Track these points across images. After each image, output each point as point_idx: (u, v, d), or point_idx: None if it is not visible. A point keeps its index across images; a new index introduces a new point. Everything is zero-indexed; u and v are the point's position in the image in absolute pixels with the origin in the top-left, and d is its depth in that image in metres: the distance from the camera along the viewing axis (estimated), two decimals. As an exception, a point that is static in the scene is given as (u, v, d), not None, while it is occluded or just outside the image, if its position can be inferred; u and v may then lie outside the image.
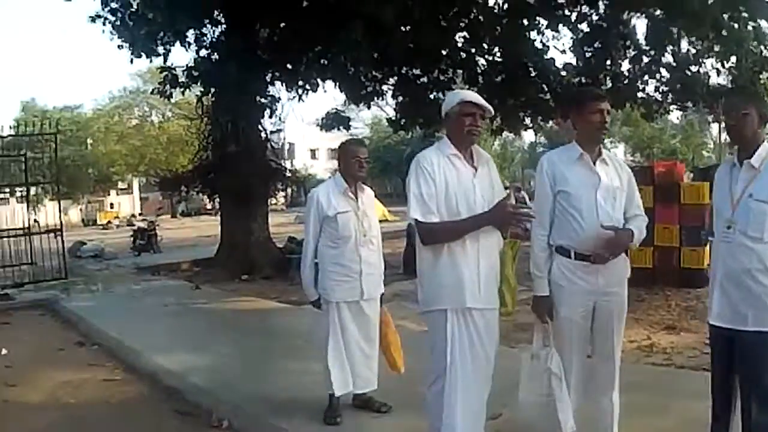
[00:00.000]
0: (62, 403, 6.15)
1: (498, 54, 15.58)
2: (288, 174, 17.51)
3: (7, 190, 17.27)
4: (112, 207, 61.56)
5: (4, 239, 14.76)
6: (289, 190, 18.97)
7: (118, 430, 5.56)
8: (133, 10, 15.40)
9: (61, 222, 15.41)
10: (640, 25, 19.49)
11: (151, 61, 17.53)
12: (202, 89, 16.09)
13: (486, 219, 3.51)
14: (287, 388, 5.92)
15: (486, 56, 15.79)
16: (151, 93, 19.87)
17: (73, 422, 5.67)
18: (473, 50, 15.48)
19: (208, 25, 15.97)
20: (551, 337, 3.70)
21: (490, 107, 3.65)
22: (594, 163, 3.64)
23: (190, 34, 15.92)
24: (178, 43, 15.98)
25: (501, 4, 15.19)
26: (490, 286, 3.63)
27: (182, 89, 16.33)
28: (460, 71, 15.82)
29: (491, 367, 3.68)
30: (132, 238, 22.62)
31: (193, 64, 15.88)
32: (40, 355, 8.12)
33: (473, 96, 3.68)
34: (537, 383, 3.67)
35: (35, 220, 14.80)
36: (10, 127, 16.12)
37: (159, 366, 6.99)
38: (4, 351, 8.04)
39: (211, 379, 6.42)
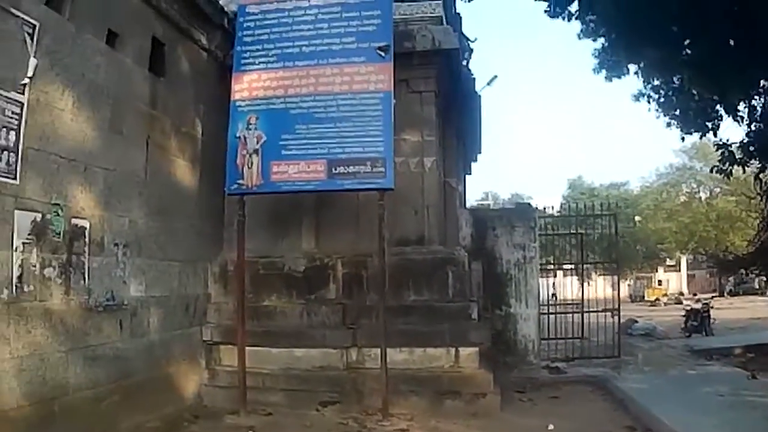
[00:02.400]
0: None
1: None
2: None
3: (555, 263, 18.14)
4: (660, 284, 61.26)
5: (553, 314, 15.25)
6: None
7: None
8: (676, 85, 15.20)
9: (618, 301, 15.41)
10: None
11: (701, 137, 17.06)
12: (759, 165, 14.96)
13: None
14: None
15: None
16: (711, 171, 19.33)
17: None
18: None
19: (756, 97, 14.89)
20: None
21: None
22: None
23: (742, 107, 15.06)
24: (728, 117, 15.24)
25: None
26: None
27: (740, 166, 15.44)
28: None
29: None
30: (684, 318, 21.92)
31: (747, 139, 14.90)
32: (587, 434, 7.94)
33: None
34: None
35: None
36: (561, 205, 16.93)
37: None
38: (551, 426, 8.06)
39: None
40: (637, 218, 54.74)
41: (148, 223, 8.19)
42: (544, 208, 15.76)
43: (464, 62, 11.53)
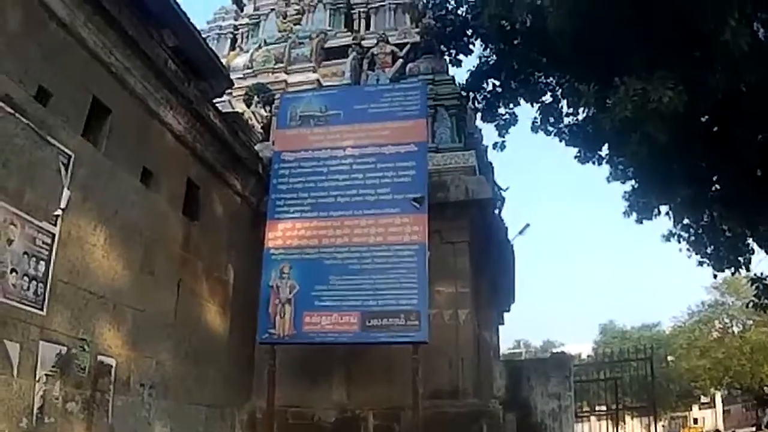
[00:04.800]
0: None
1: None
2: None
3: (587, 408, 17.77)
4: (695, 422, 59.68)
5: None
6: None
7: None
8: (706, 223, 15.11)
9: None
10: None
11: (733, 273, 16.86)
12: (795, 295, 14.68)
13: None
14: None
15: None
16: (746, 307, 19.03)
17: None
18: None
19: (790, 228, 14.79)
20: None
21: None
22: None
23: (773, 239, 14.92)
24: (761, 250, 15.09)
25: None
26: None
27: (778, 299, 15.18)
28: None
29: None
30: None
31: (781, 272, 14.68)
32: None
33: None
34: None
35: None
36: (593, 350, 16.63)
37: None
38: None
39: None
40: (670, 358, 53.70)
41: (176, 366, 8.05)
42: (579, 355, 15.62)
43: (497, 211, 11.58)
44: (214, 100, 9.52)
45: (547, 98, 10.48)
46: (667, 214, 14.75)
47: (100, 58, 6.81)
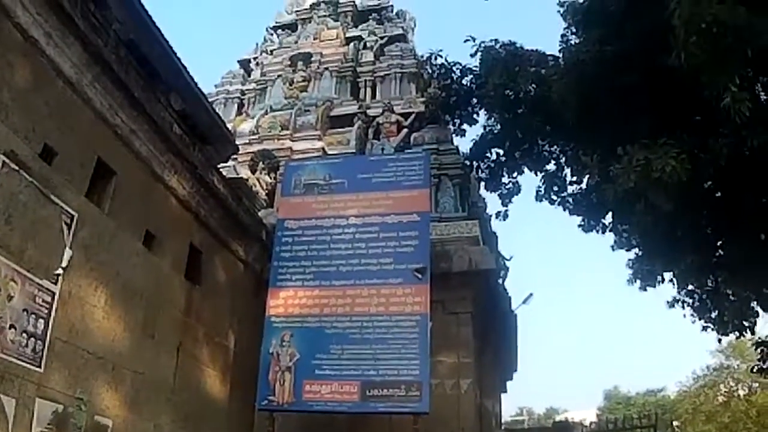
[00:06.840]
0: None
1: None
2: None
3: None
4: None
5: None
6: None
7: None
8: (710, 288, 15.03)
9: None
10: None
11: (737, 337, 16.75)
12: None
13: None
14: None
15: None
16: (751, 371, 18.84)
17: None
18: None
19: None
20: None
21: None
22: None
23: (777, 305, 14.85)
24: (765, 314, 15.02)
25: None
26: None
27: (784, 363, 15.02)
28: None
29: None
30: None
31: (786, 337, 14.55)
32: None
33: None
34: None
35: None
36: (597, 417, 16.41)
37: None
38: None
39: None
40: (675, 423, 52.78)
41: (174, 430, 7.87)
42: (582, 422, 15.40)
43: (500, 281, 11.56)
44: (219, 166, 9.56)
45: (551, 167, 10.51)
46: (671, 281, 14.68)
47: (106, 119, 6.84)
